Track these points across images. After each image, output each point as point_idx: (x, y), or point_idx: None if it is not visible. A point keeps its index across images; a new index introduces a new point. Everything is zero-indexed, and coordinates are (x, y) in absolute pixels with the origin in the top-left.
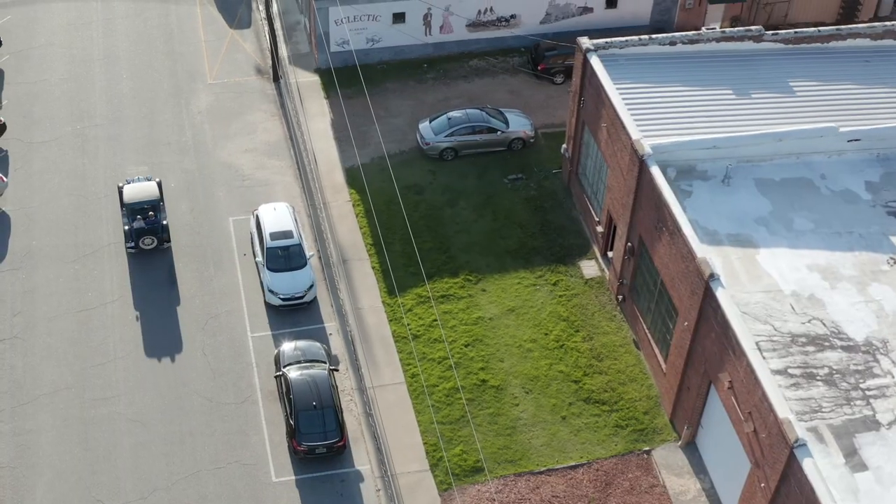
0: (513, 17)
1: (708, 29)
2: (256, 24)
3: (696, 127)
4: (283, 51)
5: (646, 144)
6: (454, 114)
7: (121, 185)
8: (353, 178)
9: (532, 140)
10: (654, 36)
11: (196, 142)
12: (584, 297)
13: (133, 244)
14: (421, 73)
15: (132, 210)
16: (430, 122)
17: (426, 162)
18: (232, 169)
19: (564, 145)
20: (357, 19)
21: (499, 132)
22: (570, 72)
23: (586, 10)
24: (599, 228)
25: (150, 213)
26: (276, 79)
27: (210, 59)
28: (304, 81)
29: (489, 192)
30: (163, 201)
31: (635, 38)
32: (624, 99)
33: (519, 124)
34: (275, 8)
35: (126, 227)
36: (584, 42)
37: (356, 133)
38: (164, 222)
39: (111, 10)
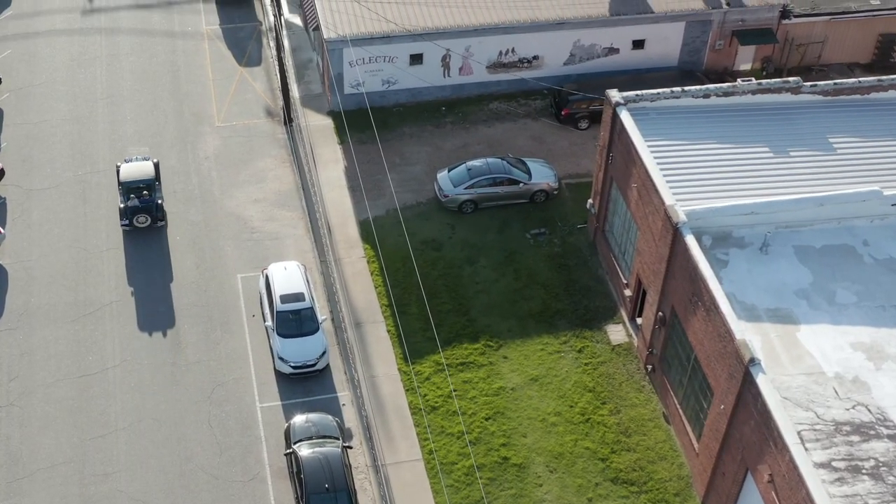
0: (535, 58)
1: (743, 81)
2: (267, 62)
3: (731, 189)
4: (295, 91)
5: (680, 211)
6: (474, 163)
7: (119, 164)
8: (367, 231)
9: (556, 192)
10: (686, 88)
11: (203, 190)
12: (611, 365)
13: (127, 222)
14: (439, 116)
15: (128, 188)
16: (449, 172)
17: (444, 215)
18: (240, 221)
19: (590, 200)
20: (372, 61)
21: (521, 184)
22: (596, 117)
23: (612, 50)
24: (627, 292)
25: (145, 191)
26: (287, 122)
27: (218, 99)
28: (317, 125)
29: (511, 248)
30: (158, 181)
31: (667, 90)
32: (656, 158)
33: (542, 175)
34: (286, 44)
35: (121, 205)
36: (614, 95)
37: (371, 182)
38: (159, 201)
39: (115, 46)
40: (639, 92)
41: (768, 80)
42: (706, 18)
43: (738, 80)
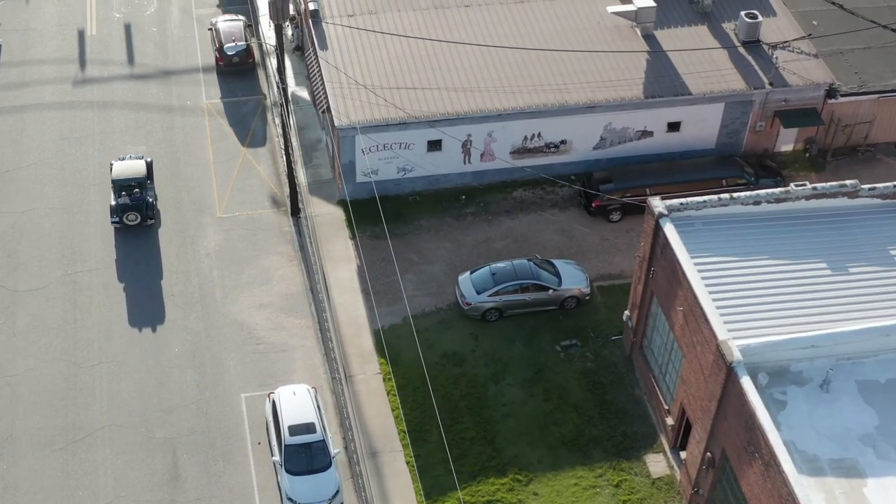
0: (563, 142)
1: (796, 186)
2: (272, 142)
3: (787, 316)
4: (302, 177)
5: (735, 348)
6: (499, 266)
7: (112, 161)
8: (383, 343)
9: (587, 298)
10: (735, 195)
11: (203, 293)
12: (651, 502)
13: (117, 219)
14: (459, 206)
15: (119, 186)
16: (472, 275)
17: (467, 323)
18: (244, 330)
19: (627, 312)
20: (387, 148)
21: (550, 290)
22: (629, 209)
23: (646, 133)
24: (669, 420)
25: (136, 189)
26: (294, 212)
27: (220, 185)
28: (326, 216)
29: (539, 362)
30: (150, 180)
31: (714, 197)
32: (704, 279)
33: (573, 280)
34: (292, 122)
35: (112, 203)
36: (657, 206)
37: (386, 284)
38: (150, 200)
39: (109, 122)
40: (683, 200)
41: (823, 185)
42: (747, 99)
43: (791, 184)
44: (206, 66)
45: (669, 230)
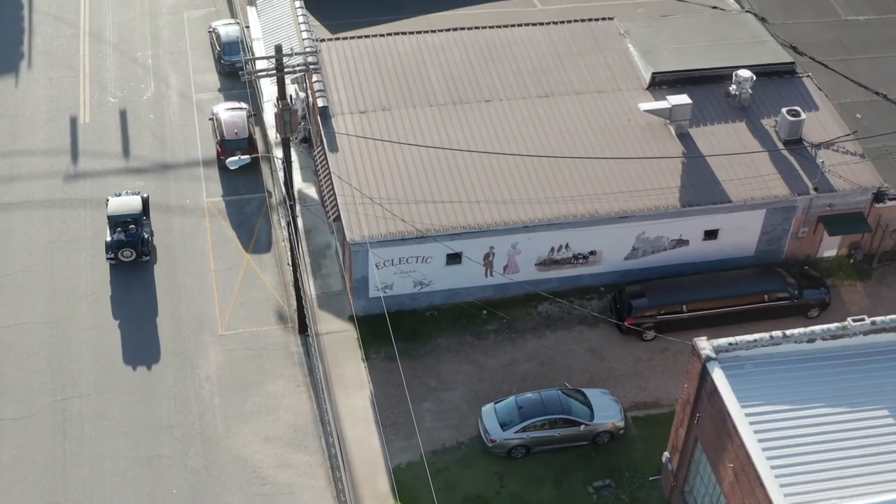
0: (592, 253)
1: (853, 321)
2: (278, 247)
3: (850, 474)
4: (310, 287)
5: None
6: (526, 397)
7: (108, 197)
8: (400, 483)
9: (622, 432)
10: (788, 333)
11: (204, 424)
12: None
13: (112, 255)
14: (480, 323)
15: (115, 222)
16: (496, 406)
17: (491, 461)
18: (248, 467)
19: (667, 454)
20: (403, 262)
21: (582, 426)
22: (664, 327)
23: (681, 242)
24: None
25: (132, 226)
26: (302, 329)
27: (221, 297)
28: (337, 334)
29: None
30: (147, 216)
31: (765, 336)
32: (757, 432)
33: (606, 413)
34: (300, 223)
35: (108, 239)
36: (703, 348)
37: (402, 414)
38: (146, 236)
39: (103, 223)
40: (732, 340)
41: (883, 319)
42: (790, 205)
43: (849, 319)
44: (207, 160)
45: (718, 376)
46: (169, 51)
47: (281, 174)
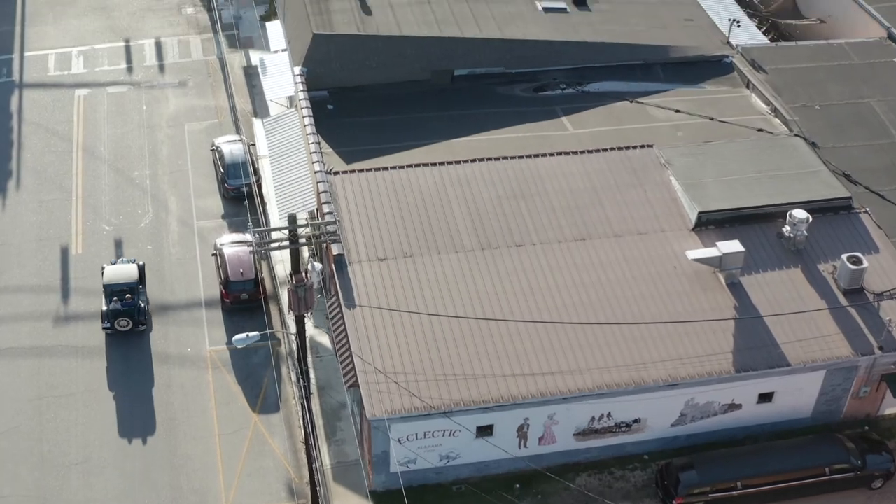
0: (636, 421)
1: None
2: (288, 405)
3: None
4: (324, 457)
5: None
6: None
7: (104, 265)
8: None
9: None
10: None
11: None
12: None
13: (109, 325)
14: (512, 498)
15: (111, 291)
16: None
17: None
18: None
19: None
20: (428, 435)
21: None
22: None
23: (733, 406)
24: None
25: (128, 295)
26: None
27: (226, 467)
28: None
29: None
30: (143, 284)
31: None
32: None
33: None
34: (312, 378)
35: (103, 308)
36: None
37: None
38: (142, 305)
39: (96, 375)
40: None
41: None
42: (852, 365)
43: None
44: (210, 300)
45: None
46: (168, 169)
47: (294, 345)
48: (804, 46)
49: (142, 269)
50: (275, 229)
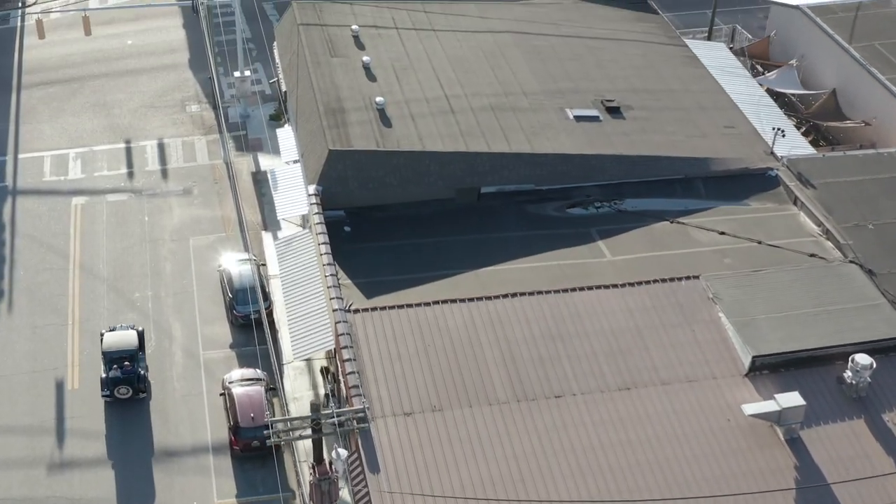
0: None
1: None
2: None
3: None
4: None
5: None
6: None
7: (103, 331)
8: None
9: None
10: None
11: None
12: None
13: (108, 393)
14: None
15: (110, 358)
16: None
17: None
18: None
19: None
20: None
21: None
22: None
23: None
24: None
25: (127, 362)
26: None
27: None
28: None
29: None
30: (143, 351)
31: None
32: None
33: None
34: None
35: (102, 376)
36: None
37: None
38: (142, 372)
39: None
40: None
41: None
42: None
43: None
44: (218, 444)
45: None
46: (172, 291)
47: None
48: (853, 157)
49: (141, 335)
50: (296, 419)
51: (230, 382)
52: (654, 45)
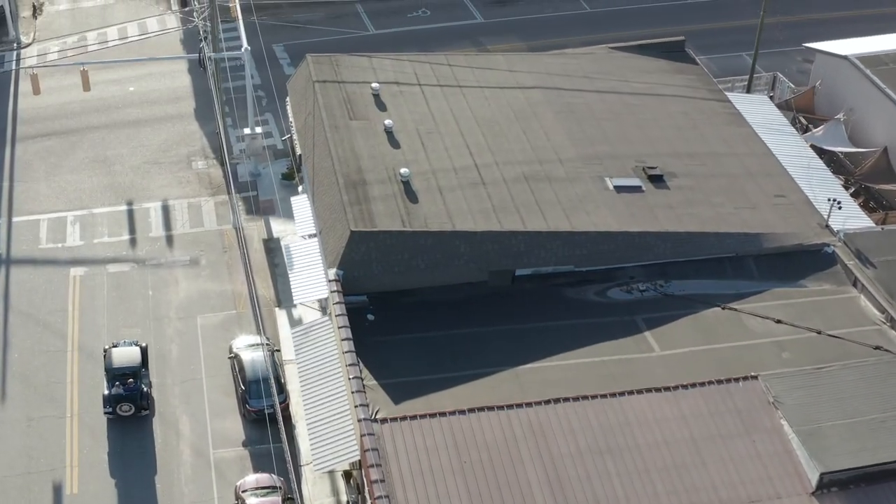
0: None
1: None
2: None
3: None
4: None
5: None
6: None
7: (107, 346)
8: None
9: None
10: None
11: None
12: None
13: (111, 410)
14: None
15: (113, 375)
16: None
17: None
18: None
19: None
20: None
21: None
22: None
23: None
24: None
25: (130, 379)
26: None
27: None
28: None
29: None
30: (145, 368)
31: None
32: None
33: None
34: None
35: (105, 392)
36: None
37: None
38: (145, 389)
39: None
40: None
41: None
42: None
43: None
44: None
45: None
46: (179, 378)
47: None
48: None
49: (145, 352)
50: None
51: (244, 492)
52: (695, 101)
